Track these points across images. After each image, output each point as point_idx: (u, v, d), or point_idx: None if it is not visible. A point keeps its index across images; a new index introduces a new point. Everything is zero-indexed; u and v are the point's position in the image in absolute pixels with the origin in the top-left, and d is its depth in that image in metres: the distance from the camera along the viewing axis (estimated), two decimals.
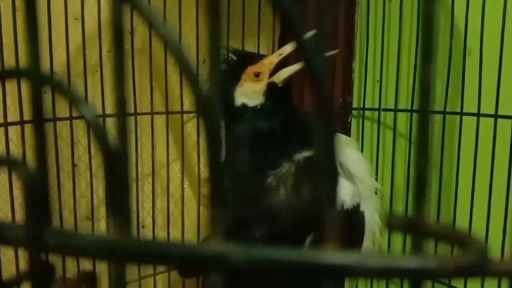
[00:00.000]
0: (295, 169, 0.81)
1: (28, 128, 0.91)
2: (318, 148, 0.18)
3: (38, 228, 0.18)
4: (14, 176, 0.86)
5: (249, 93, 0.87)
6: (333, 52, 0.89)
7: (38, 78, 0.17)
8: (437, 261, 0.17)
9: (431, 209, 1.10)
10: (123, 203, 0.18)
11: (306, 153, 0.83)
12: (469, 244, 0.18)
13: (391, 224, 0.20)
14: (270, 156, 0.84)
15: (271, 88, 0.88)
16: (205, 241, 0.90)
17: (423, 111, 0.18)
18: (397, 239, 1.14)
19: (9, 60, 0.95)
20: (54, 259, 0.22)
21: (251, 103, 0.87)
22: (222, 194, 0.18)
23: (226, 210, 0.18)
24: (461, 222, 1.02)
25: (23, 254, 0.93)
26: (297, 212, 0.78)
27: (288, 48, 0.89)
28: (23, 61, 0.90)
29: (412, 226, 0.19)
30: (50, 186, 0.19)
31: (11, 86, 0.91)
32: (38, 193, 0.19)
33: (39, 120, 0.17)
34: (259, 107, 0.87)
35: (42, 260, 0.20)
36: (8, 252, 0.93)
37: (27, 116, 0.90)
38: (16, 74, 0.19)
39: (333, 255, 0.17)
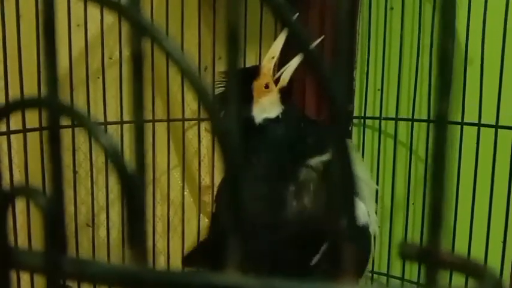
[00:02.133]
0: (317, 175, 0.81)
1: (30, 136, 0.91)
2: (334, 164, 0.19)
3: (55, 257, 0.18)
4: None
5: (267, 106, 0.87)
6: (319, 40, 0.88)
7: (57, 109, 0.17)
8: None
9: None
10: (139, 231, 0.19)
11: (321, 158, 0.83)
12: (484, 276, 0.18)
13: (405, 253, 0.20)
14: (292, 163, 0.83)
15: (283, 93, 0.88)
16: (189, 256, 0.90)
17: (439, 144, 0.18)
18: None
19: (12, 65, 0.96)
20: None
21: (272, 114, 0.87)
22: (240, 221, 0.18)
23: (243, 238, 0.19)
24: (461, 232, 1.02)
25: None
26: (319, 219, 0.77)
27: (277, 48, 0.88)
28: (26, 66, 0.90)
29: (426, 256, 0.19)
30: (66, 213, 0.19)
31: (12, 94, 0.90)
32: (54, 221, 0.19)
33: (56, 150, 0.17)
34: (281, 116, 0.87)
35: (60, 285, 0.20)
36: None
37: (29, 124, 0.90)
38: (36, 103, 0.19)
39: None
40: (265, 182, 0.80)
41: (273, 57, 0.88)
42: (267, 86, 0.87)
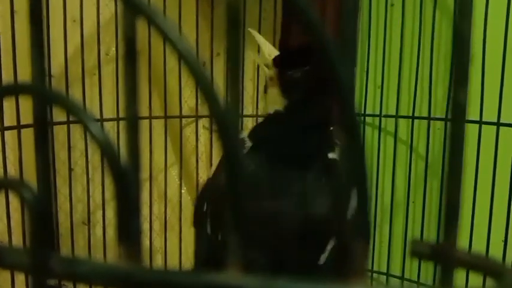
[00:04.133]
0: (327, 171, 0.79)
1: (24, 132, 0.89)
2: (346, 165, 0.17)
3: (43, 255, 0.17)
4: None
5: (273, 98, 0.83)
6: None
7: (44, 96, 0.15)
8: None
9: (433, 217, 1.10)
10: (133, 228, 0.17)
11: (330, 154, 0.80)
12: (503, 275, 0.17)
13: (417, 251, 0.18)
14: (306, 159, 0.81)
15: (283, 79, 0.82)
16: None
17: (456, 137, 0.17)
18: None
19: (6, 61, 0.94)
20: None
21: (278, 106, 0.82)
22: (241, 220, 0.17)
23: (244, 237, 0.17)
24: (462, 231, 1.01)
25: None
26: (327, 216, 0.75)
27: (268, 49, 0.87)
28: (20, 63, 0.88)
29: (440, 254, 0.18)
30: (54, 208, 0.18)
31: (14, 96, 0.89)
32: (41, 216, 0.18)
33: (43, 140, 0.16)
34: (284, 110, 0.82)
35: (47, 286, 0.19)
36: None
37: (24, 120, 0.88)
38: (21, 90, 0.18)
39: None
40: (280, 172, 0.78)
41: (269, 55, 0.86)
42: (270, 79, 0.85)
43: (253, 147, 0.79)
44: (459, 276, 0.17)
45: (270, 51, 0.87)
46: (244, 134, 0.82)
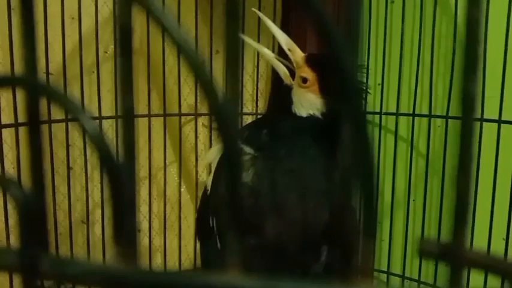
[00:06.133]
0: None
1: (22, 130, 0.88)
2: (351, 160, 0.17)
3: (32, 255, 0.16)
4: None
5: (309, 103, 0.76)
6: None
7: (35, 88, 0.15)
8: None
9: (433, 215, 1.09)
10: (129, 227, 0.16)
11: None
12: None
13: (424, 250, 0.18)
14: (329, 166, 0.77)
15: (321, 82, 0.76)
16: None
17: (465, 131, 0.16)
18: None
19: (3, 60, 0.93)
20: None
21: (315, 112, 0.76)
22: (240, 219, 0.16)
23: (242, 237, 0.16)
24: None
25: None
26: (321, 222, 0.73)
27: (286, 39, 0.79)
28: (19, 59, 0.87)
29: (449, 254, 0.17)
30: (47, 206, 0.17)
31: (5, 88, 0.88)
32: (32, 215, 0.17)
33: (35, 135, 0.15)
34: (324, 112, 0.76)
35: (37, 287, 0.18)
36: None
37: (21, 118, 0.87)
38: (11, 82, 0.17)
39: None
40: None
41: (289, 50, 0.78)
42: (305, 80, 0.76)
43: (266, 156, 0.75)
44: (476, 277, 0.17)
45: (288, 43, 0.79)
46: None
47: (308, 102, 0.76)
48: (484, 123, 0.98)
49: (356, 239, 0.16)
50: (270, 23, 0.80)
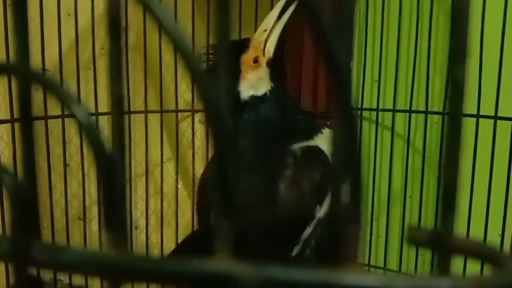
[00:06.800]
0: (293, 161, 0.78)
1: (18, 126, 0.88)
2: (337, 152, 0.17)
3: (24, 243, 0.16)
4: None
5: (255, 82, 0.81)
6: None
7: (26, 75, 0.15)
8: (472, 282, 0.15)
9: (430, 212, 1.09)
10: (118, 214, 0.17)
11: (301, 144, 0.80)
12: (502, 262, 0.16)
13: (414, 238, 0.18)
14: (275, 147, 0.80)
15: (272, 68, 0.82)
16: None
17: (455, 118, 0.16)
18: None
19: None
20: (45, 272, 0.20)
21: (260, 92, 0.82)
22: (230, 204, 0.16)
23: (233, 222, 0.17)
24: (459, 225, 1.00)
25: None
26: (295, 205, 0.75)
27: (270, 21, 0.83)
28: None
29: (438, 241, 0.17)
30: (39, 195, 0.17)
31: (1, 83, 0.88)
32: (25, 203, 0.17)
33: (27, 123, 0.15)
34: (268, 93, 0.82)
35: (29, 275, 0.18)
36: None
37: (17, 113, 0.87)
38: (2, 70, 0.17)
39: (352, 277, 0.16)
40: (245, 165, 0.77)
41: (265, 30, 0.83)
42: (255, 60, 0.82)
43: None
44: (456, 263, 0.17)
45: (268, 25, 0.84)
46: None
47: (256, 80, 0.81)
48: (480, 119, 0.98)
49: (345, 225, 0.16)
50: (273, 12, 0.84)
